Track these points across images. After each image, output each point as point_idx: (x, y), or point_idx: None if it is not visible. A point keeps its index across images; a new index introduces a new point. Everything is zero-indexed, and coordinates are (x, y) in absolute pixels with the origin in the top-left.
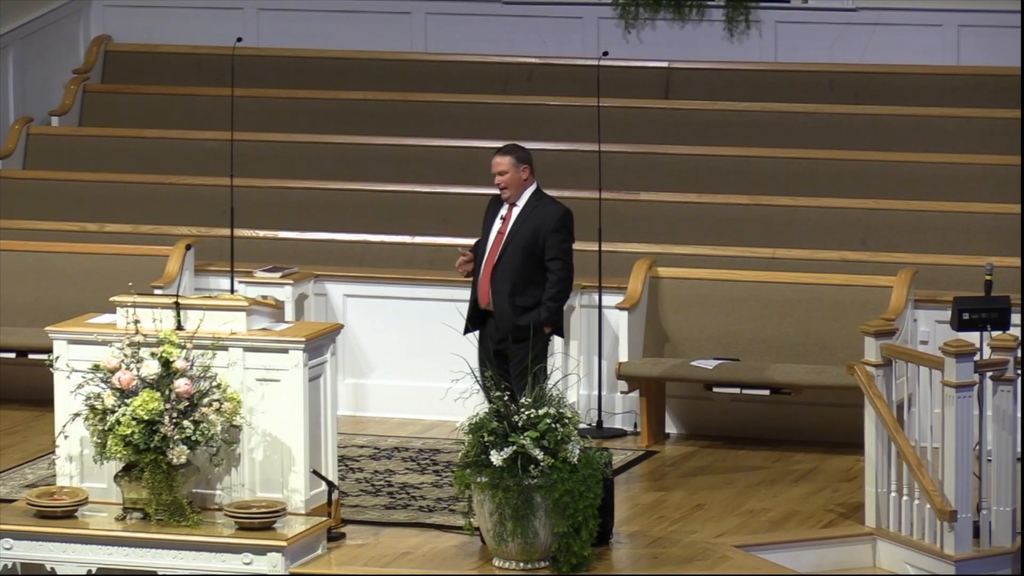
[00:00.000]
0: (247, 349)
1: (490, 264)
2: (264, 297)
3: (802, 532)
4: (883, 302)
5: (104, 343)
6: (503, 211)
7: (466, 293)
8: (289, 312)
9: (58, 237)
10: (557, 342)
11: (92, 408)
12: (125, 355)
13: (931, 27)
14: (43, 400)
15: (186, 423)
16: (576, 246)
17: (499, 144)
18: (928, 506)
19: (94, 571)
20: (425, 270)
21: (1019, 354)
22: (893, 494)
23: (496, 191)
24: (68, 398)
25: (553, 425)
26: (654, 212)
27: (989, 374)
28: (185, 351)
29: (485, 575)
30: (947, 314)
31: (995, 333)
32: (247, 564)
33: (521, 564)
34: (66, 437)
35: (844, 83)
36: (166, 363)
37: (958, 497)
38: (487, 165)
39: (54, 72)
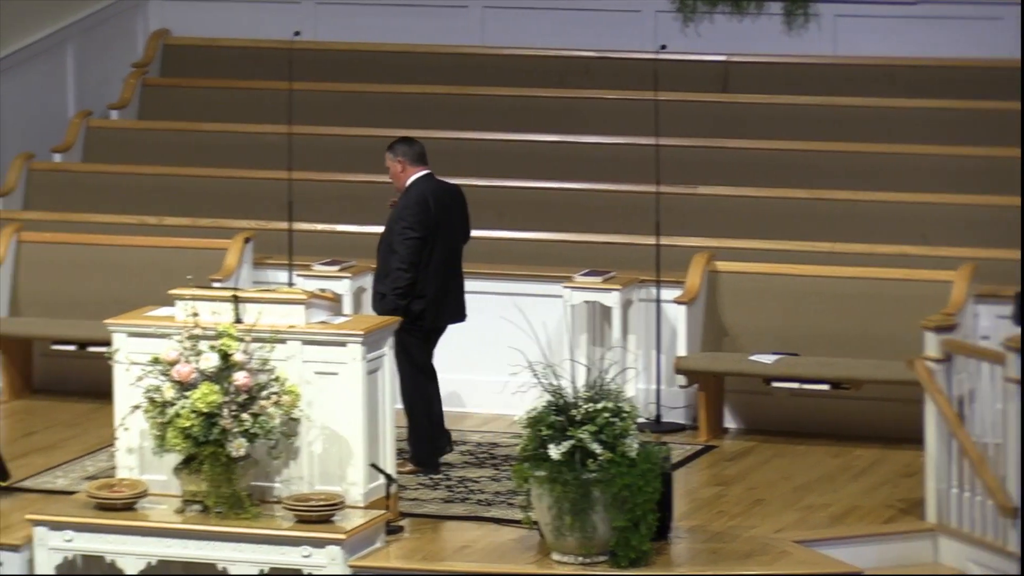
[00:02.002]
0: (306, 342)
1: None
2: (322, 290)
3: (862, 528)
4: (943, 297)
5: (163, 336)
6: None
7: (525, 286)
8: (347, 305)
9: (117, 230)
10: (615, 335)
11: (152, 401)
12: (184, 348)
13: (991, 20)
14: (103, 393)
15: (245, 416)
16: (635, 240)
17: (556, 138)
18: (990, 503)
19: (153, 563)
20: (482, 263)
21: None
22: (954, 490)
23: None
24: (128, 391)
25: (611, 419)
26: (712, 206)
27: None
28: (244, 344)
29: (543, 571)
30: (1008, 309)
31: None
32: (306, 557)
33: (579, 558)
34: (126, 429)
35: (903, 76)
36: (225, 356)
37: (1022, 494)
38: (544, 159)
39: (113, 66)
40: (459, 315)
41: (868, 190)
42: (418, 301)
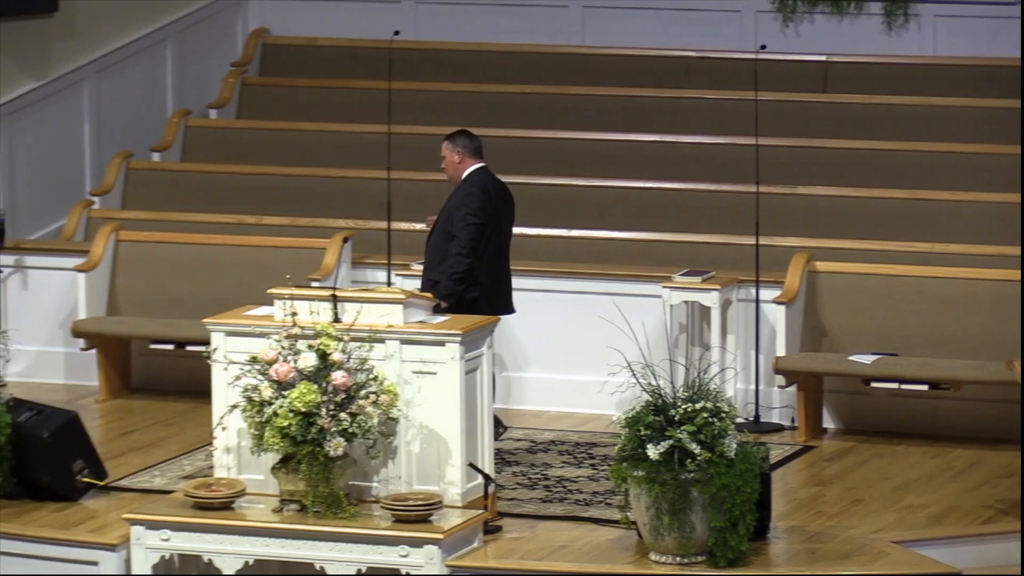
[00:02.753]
0: (404, 342)
1: (427, 241)
2: (421, 290)
3: (961, 528)
4: None
5: (261, 335)
6: None
7: (624, 286)
8: None
9: (216, 229)
10: (714, 335)
11: (250, 400)
12: (282, 347)
13: None
14: (201, 392)
15: (343, 415)
16: (734, 240)
17: (656, 138)
18: None
19: (251, 563)
20: (582, 263)
21: None
22: None
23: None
24: (226, 390)
25: (710, 419)
26: (812, 206)
27: None
28: (342, 343)
29: (641, 571)
30: None
31: None
32: (403, 557)
33: (678, 558)
34: (224, 429)
35: (1002, 76)
36: (323, 355)
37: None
38: (644, 159)
39: (212, 65)
40: (509, 308)
41: (967, 190)
42: (473, 289)
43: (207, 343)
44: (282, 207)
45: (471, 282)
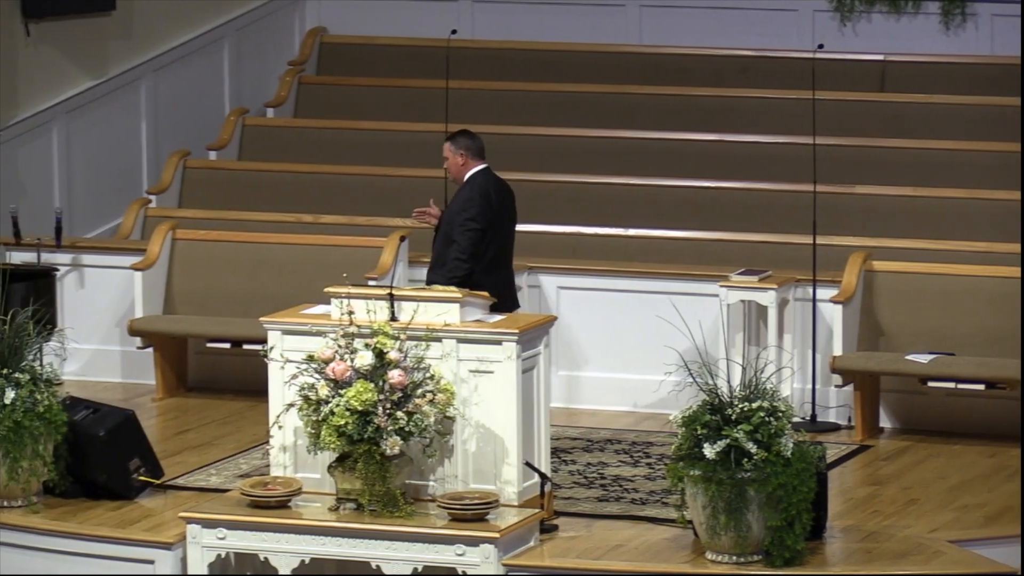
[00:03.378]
0: (460, 340)
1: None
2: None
3: (1017, 528)
4: None
5: (318, 334)
6: None
7: (681, 285)
8: None
9: (273, 228)
10: (771, 334)
11: (306, 399)
12: (339, 346)
13: None
14: (257, 390)
15: (400, 414)
16: (791, 239)
17: (713, 137)
18: None
19: (307, 561)
20: (638, 262)
21: None
22: None
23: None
24: (282, 388)
25: (767, 419)
26: (869, 205)
27: None
28: (399, 342)
29: (697, 570)
30: None
31: None
32: (460, 555)
33: (734, 558)
34: (280, 427)
35: None
36: (380, 354)
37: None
38: (701, 158)
39: (269, 64)
40: (513, 307)
41: None
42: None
43: (264, 342)
44: (339, 206)
45: (471, 285)
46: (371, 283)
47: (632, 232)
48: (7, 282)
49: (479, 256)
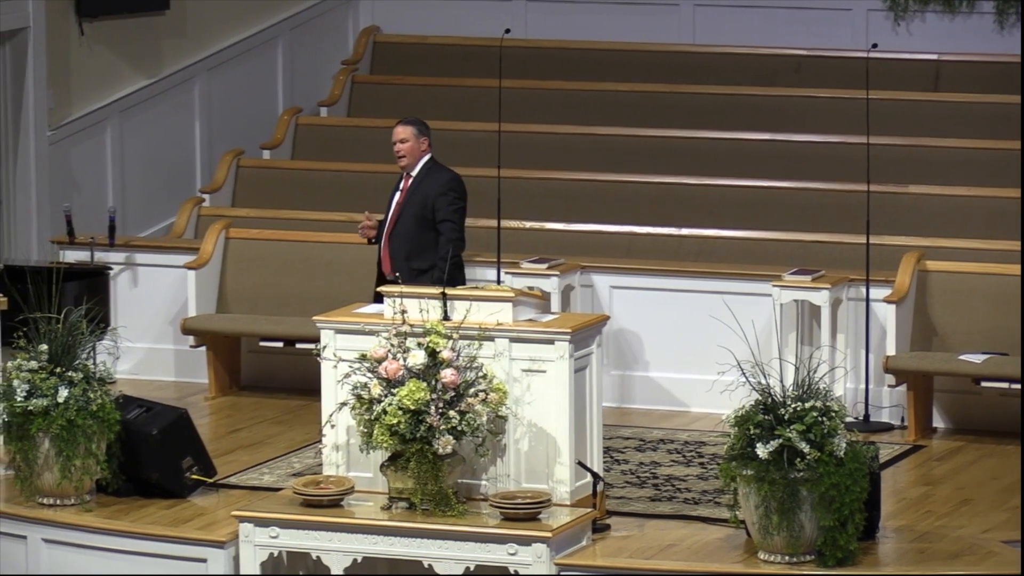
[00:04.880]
0: (513, 340)
1: (388, 233)
2: (530, 288)
3: None
4: None
5: (371, 333)
6: (402, 184)
7: (734, 284)
8: (555, 303)
9: (326, 227)
10: (824, 334)
11: (359, 398)
12: (392, 345)
13: None
14: (310, 389)
15: (452, 413)
16: (844, 239)
17: (767, 136)
18: None
19: (359, 560)
20: (691, 262)
21: None
22: None
23: (399, 171)
24: (335, 387)
25: (819, 418)
26: (923, 205)
27: None
28: (452, 341)
29: (750, 570)
30: None
31: None
32: (512, 554)
33: (786, 558)
34: (332, 426)
35: None
36: (433, 353)
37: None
38: (754, 157)
39: (323, 63)
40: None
41: None
42: (463, 270)
43: (316, 340)
44: None
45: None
46: None
47: (685, 232)
48: (61, 281)
49: None
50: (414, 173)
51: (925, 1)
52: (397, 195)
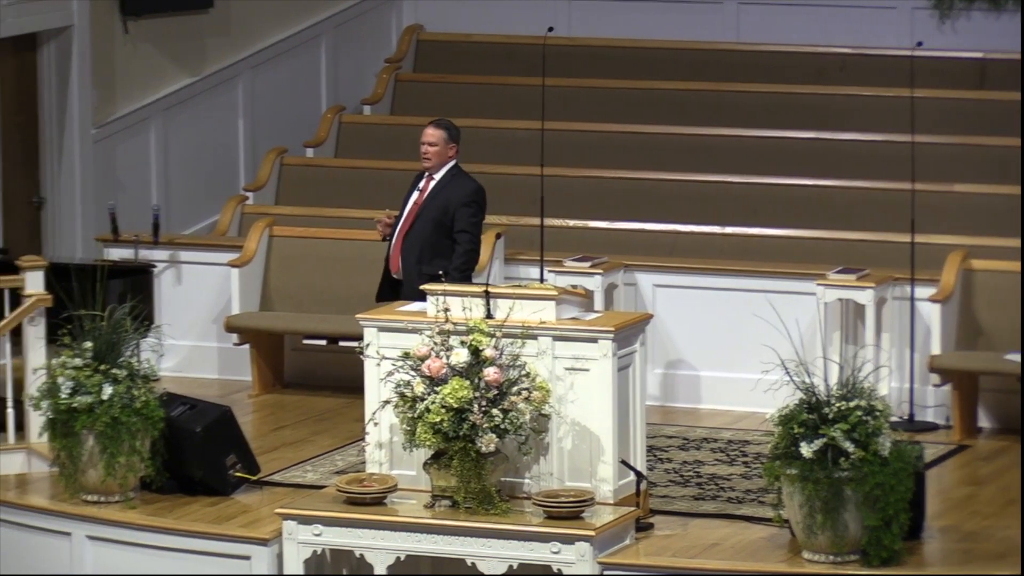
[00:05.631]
0: (556, 338)
1: (403, 232)
2: (574, 286)
3: None
4: None
5: (414, 331)
6: (422, 183)
7: (778, 283)
8: (599, 301)
9: (369, 226)
10: (868, 333)
11: (402, 396)
12: (435, 343)
13: None
14: (353, 387)
15: (495, 411)
16: (889, 237)
17: (811, 135)
18: None
19: (402, 558)
20: (735, 260)
21: None
22: None
23: (421, 169)
24: (378, 385)
25: (864, 418)
26: (968, 204)
27: None
28: (495, 340)
29: (794, 570)
30: None
31: None
32: (555, 553)
33: (831, 557)
34: (376, 424)
35: None
36: (476, 351)
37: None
38: (799, 155)
39: (366, 61)
40: None
41: None
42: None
43: (359, 338)
44: None
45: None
46: None
47: (729, 230)
48: (105, 278)
49: None
50: (436, 176)
51: None
52: (415, 195)
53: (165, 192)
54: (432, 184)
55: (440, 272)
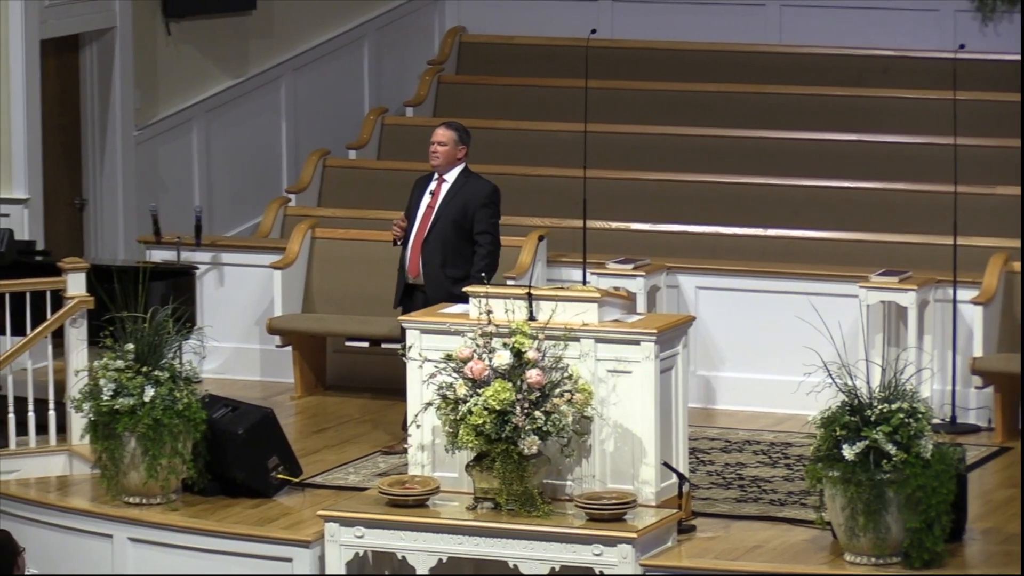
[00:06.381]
0: (599, 340)
1: (420, 237)
2: (616, 288)
3: None
4: None
5: (456, 333)
6: (432, 186)
7: (820, 285)
8: (641, 304)
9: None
10: (910, 335)
11: (444, 398)
12: (477, 345)
13: None
14: (395, 389)
15: (537, 413)
16: (932, 240)
17: (853, 137)
18: None
19: (444, 560)
20: (778, 262)
21: None
22: None
23: (425, 172)
24: (420, 387)
25: (906, 420)
26: (1010, 206)
27: None
28: (537, 342)
29: (836, 571)
30: None
31: None
32: (597, 555)
33: (872, 559)
34: (418, 426)
35: None
36: (518, 353)
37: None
38: (841, 158)
39: (409, 63)
40: None
41: None
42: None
43: (402, 340)
44: None
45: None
46: (510, 282)
47: (771, 232)
48: (147, 280)
49: None
50: (448, 178)
51: (1013, 1)
52: (427, 197)
53: (208, 194)
54: (445, 187)
55: (463, 275)
